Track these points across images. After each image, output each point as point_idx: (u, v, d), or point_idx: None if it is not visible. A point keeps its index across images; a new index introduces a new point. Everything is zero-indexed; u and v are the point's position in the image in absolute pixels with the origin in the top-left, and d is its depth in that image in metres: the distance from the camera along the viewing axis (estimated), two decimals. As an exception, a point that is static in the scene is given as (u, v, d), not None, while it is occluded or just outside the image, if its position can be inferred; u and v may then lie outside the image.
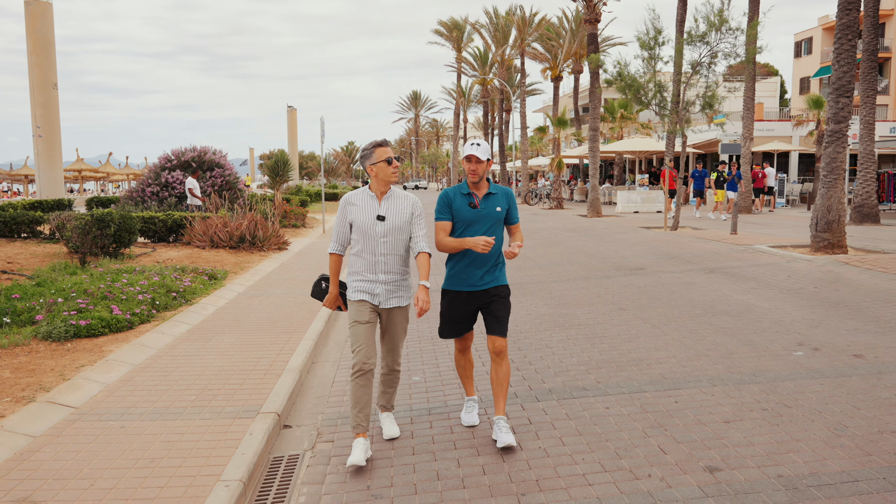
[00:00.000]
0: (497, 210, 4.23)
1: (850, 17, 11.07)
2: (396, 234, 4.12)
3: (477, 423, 4.51)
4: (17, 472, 3.77)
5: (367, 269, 4.13)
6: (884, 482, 3.47)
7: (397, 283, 4.18)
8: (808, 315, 7.21)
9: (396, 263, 4.16)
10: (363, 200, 4.16)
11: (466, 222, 4.19)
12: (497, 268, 4.28)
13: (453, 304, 4.30)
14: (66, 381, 5.28)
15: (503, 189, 4.33)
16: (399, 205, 4.16)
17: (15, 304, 7.14)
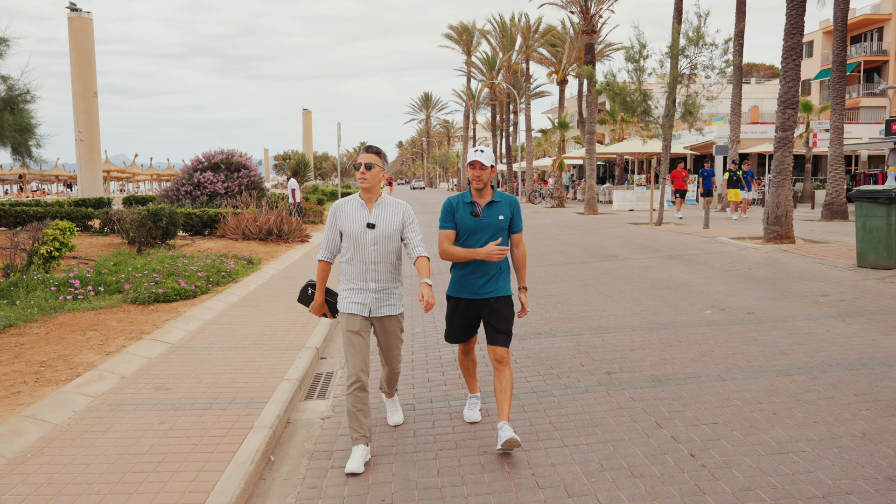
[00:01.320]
0: (500, 219, 4.22)
1: (794, 41, 12.86)
2: (387, 243, 4.11)
3: (479, 419, 4.60)
4: (149, 375, 5.68)
5: (358, 276, 4.13)
6: (719, 381, 5.31)
7: (388, 290, 4.17)
8: (731, 288, 9.03)
9: (387, 272, 4.15)
10: (353, 208, 4.15)
11: (468, 231, 4.21)
12: (500, 277, 4.26)
13: (455, 311, 4.35)
14: (158, 328, 7.19)
15: (507, 197, 4.31)
16: (389, 212, 4.15)
17: (105, 278, 9.11)
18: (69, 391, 5.12)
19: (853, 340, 6.19)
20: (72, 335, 6.78)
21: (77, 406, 4.89)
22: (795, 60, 12.95)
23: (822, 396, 4.79)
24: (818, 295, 8.33)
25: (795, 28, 12.80)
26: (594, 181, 26.80)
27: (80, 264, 10.93)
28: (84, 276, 9.06)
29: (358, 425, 4.04)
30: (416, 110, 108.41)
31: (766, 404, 4.69)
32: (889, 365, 5.44)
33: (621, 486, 3.58)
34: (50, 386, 5.21)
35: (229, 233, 16.11)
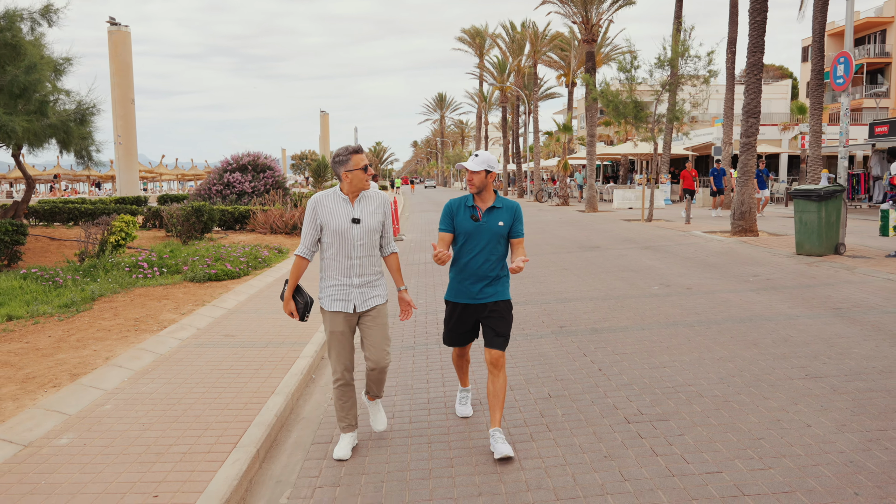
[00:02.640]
0: (499, 224, 4.19)
1: (755, 58, 14.61)
2: (371, 236, 4.12)
3: (470, 413, 4.71)
4: (216, 327, 7.60)
5: (341, 272, 4.10)
6: (639, 331, 7.13)
7: (371, 283, 4.17)
8: (683, 271, 10.83)
9: (370, 265, 4.15)
10: (335, 203, 4.11)
11: (467, 234, 4.22)
12: (498, 282, 4.27)
13: (453, 315, 4.36)
14: (215, 298, 9.12)
15: (510, 203, 4.29)
16: (371, 206, 4.15)
17: (166, 262, 11.08)
18: (163, 336, 7.05)
19: (755, 306, 7.99)
20: (151, 302, 8.74)
21: (172, 345, 6.82)
22: (757, 76, 14.69)
23: (707, 338, 6.61)
24: (751, 276, 10.12)
25: (757, 46, 14.55)
26: (594, 181, 28.55)
27: (139, 252, 12.92)
28: (150, 260, 11.05)
29: (344, 414, 4.23)
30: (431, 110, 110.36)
31: (665, 343, 6.52)
32: (769, 320, 7.25)
33: (549, 386, 5.43)
34: (148, 333, 7.14)
35: (258, 227, 18.09)
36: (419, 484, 3.83)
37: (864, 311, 7.49)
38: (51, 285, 9.28)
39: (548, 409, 4.89)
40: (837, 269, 10.30)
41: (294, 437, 4.67)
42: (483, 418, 4.76)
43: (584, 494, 3.60)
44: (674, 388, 5.20)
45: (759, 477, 3.70)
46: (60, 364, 5.90)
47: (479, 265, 4.21)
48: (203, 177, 60.47)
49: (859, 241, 13.64)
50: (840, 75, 11.97)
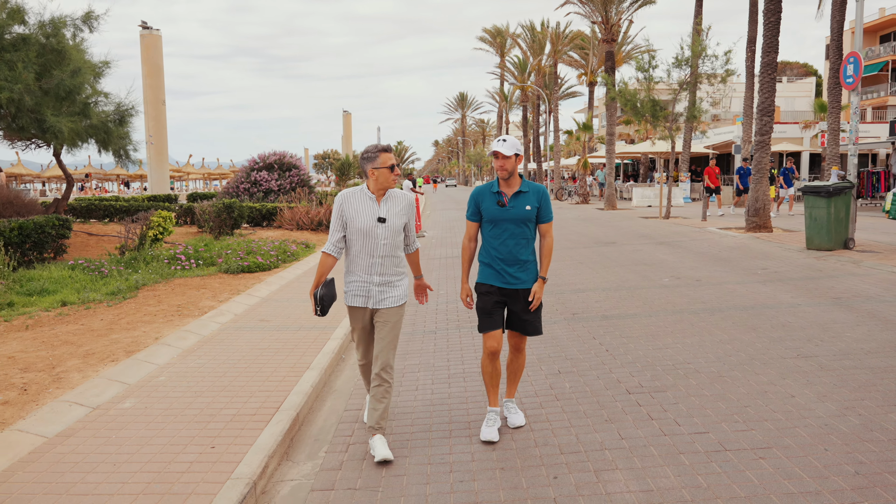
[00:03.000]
0: (527, 209, 4.19)
1: (769, 58, 14.92)
2: (395, 237, 4.15)
3: (496, 440, 4.29)
4: (252, 313, 8.18)
5: (364, 270, 4.15)
6: (647, 317, 7.59)
7: (391, 283, 4.20)
8: (695, 264, 11.23)
9: (392, 265, 4.19)
10: (361, 202, 4.14)
11: (494, 220, 4.22)
12: (529, 267, 4.28)
13: (484, 295, 4.33)
14: (249, 288, 9.72)
15: (536, 187, 4.28)
16: (397, 206, 4.17)
17: (201, 255, 11.72)
18: (205, 320, 7.65)
19: (759, 296, 8.41)
20: (190, 291, 9.36)
21: (213, 328, 7.41)
22: (771, 75, 15.00)
23: (709, 324, 7.06)
24: (759, 269, 10.51)
25: (771, 46, 14.87)
26: (613, 179, 28.88)
27: (176, 246, 13.60)
28: (187, 253, 11.70)
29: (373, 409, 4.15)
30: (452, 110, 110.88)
31: (670, 328, 6.98)
32: (771, 308, 7.66)
33: (559, 364, 5.93)
34: (190, 318, 7.75)
35: (285, 224, 18.73)
36: (440, 441, 4.35)
37: (863, 301, 7.88)
38: (97, 275, 9.94)
39: (557, 382, 5.38)
40: (844, 263, 10.66)
41: (328, 405, 5.21)
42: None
43: (586, 450, 4.10)
44: (673, 366, 5.66)
45: (741, 436, 4.17)
46: (115, 343, 6.51)
47: (508, 250, 4.21)
48: (228, 176, 61.58)
49: (872, 237, 13.92)
50: (850, 75, 12.28)
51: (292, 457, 4.30)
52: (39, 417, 4.60)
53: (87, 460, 4.00)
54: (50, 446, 4.21)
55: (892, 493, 3.41)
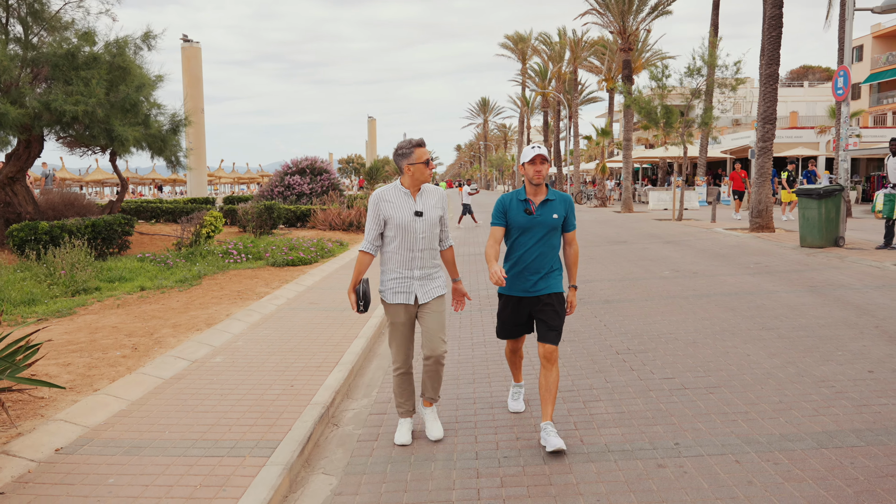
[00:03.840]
0: (553, 217, 4.21)
1: (771, 69, 15.99)
2: (433, 229, 4.23)
3: (522, 409, 4.77)
4: (302, 298, 9.48)
5: (403, 265, 4.21)
6: (643, 301, 8.76)
7: (431, 276, 4.30)
8: (696, 260, 12.35)
9: (430, 257, 4.27)
10: (397, 197, 4.20)
11: (521, 228, 4.23)
12: (552, 275, 4.27)
13: (507, 308, 4.38)
14: (296, 279, 11.04)
15: (562, 195, 4.30)
16: (432, 200, 4.26)
17: (249, 250, 13.10)
18: (263, 302, 8.97)
19: (745, 285, 9.54)
20: (245, 280, 10.70)
21: (271, 308, 8.72)
22: (773, 85, 16.06)
23: (696, 306, 8.22)
24: (752, 263, 11.61)
25: (773, 59, 15.93)
26: (629, 183, 29.94)
27: (227, 242, 14.99)
28: (237, 248, 13.08)
29: (403, 400, 4.44)
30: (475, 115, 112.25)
31: (661, 309, 8.15)
32: (752, 294, 8.80)
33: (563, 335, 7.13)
34: (250, 300, 9.07)
35: (318, 224, 20.11)
36: (466, 383, 5.58)
37: (835, 288, 8.99)
38: (163, 266, 11.34)
39: (559, 347, 6.60)
40: (830, 258, 11.72)
41: (374, 364, 6.47)
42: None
43: (578, 389, 5.31)
44: (658, 335, 6.85)
45: (699, 380, 5.36)
46: (195, 318, 7.85)
47: (533, 258, 4.21)
48: (257, 180, 63.42)
49: (866, 236, 14.91)
50: (840, 87, 13.31)
51: (351, 395, 5.57)
52: (154, 366, 5.92)
53: (199, 393, 5.31)
54: (168, 384, 5.52)
55: (805, 412, 4.57)
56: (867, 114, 52.37)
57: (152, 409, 4.93)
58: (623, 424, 4.54)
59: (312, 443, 4.46)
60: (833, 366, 5.58)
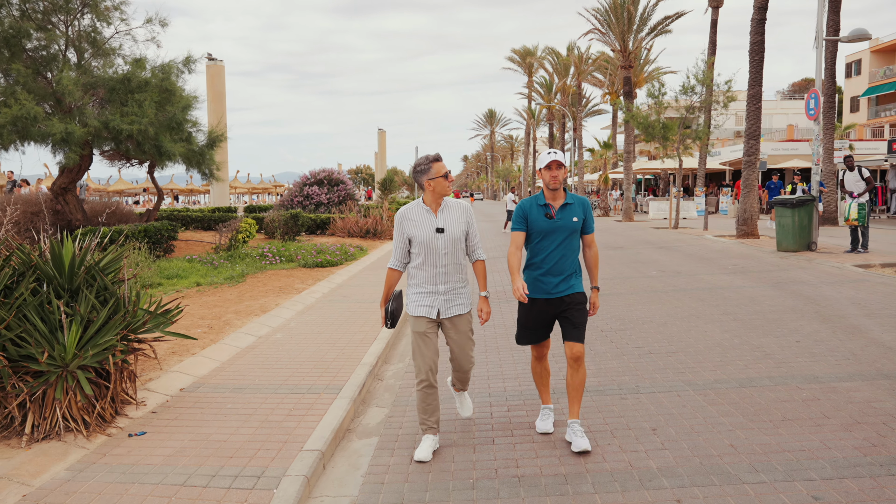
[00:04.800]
0: (573, 220, 4.28)
1: (755, 90, 17.49)
2: (456, 245, 4.24)
3: (552, 430, 4.60)
4: (335, 293, 10.98)
5: (428, 280, 4.26)
6: (630, 294, 10.22)
7: (456, 291, 4.31)
8: (681, 262, 13.81)
9: (456, 272, 4.29)
10: (419, 215, 4.25)
11: (542, 233, 4.28)
12: (573, 277, 4.36)
13: (530, 311, 4.38)
14: (326, 277, 12.54)
15: (580, 199, 4.36)
16: (454, 215, 4.27)
17: (282, 253, 14.64)
18: (303, 295, 10.47)
19: (719, 282, 10.99)
20: (282, 278, 12.22)
21: (311, 300, 10.22)
22: (756, 105, 17.55)
23: (673, 298, 9.67)
24: (731, 265, 13.06)
25: (756, 80, 17.43)
26: (630, 193, 31.43)
27: (262, 246, 16.53)
28: (272, 251, 14.63)
29: (427, 416, 4.32)
30: (481, 126, 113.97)
31: (643, 301, 9.61)
32: (723, 289, 10.25)
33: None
34: (292, 294, 10.57)
35: (338, 231, 21.68)
36: (493, 349, 7.06)
37: (795, 284, 10.44)
38: (210, 266, 12.88)
39: (556, 328, 8.07)
40: (800, 261, 13.17)
41: (405, 341, 7.94)
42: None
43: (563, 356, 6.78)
44: (637, 319, 8.32)
45: (662, 347, 6.83)
46: (249, 306, 9.36)
47: (555, 262, 4.29)
48: (270, 190, 65.14)
49: (840, 241, 16.32)
50: (812, 108, 14.79)
51: (388, 361, 7.06)
52: (230, 339, 7.43)
53: (272, 356, 6.81)
54: (246, 351, 7.03)
55: (736, 367, 6.03)
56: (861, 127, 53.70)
57: (240, 367, 6.44)
58: (599, 376, 6.02)
59: (366, 389, 5.95)
60: (770, 338, 7.05)
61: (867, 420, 4.65)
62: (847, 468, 3.92)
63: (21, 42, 13.97)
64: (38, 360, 4.32)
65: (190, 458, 4.28)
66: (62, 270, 4.83)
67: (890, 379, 5.55)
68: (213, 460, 4.23)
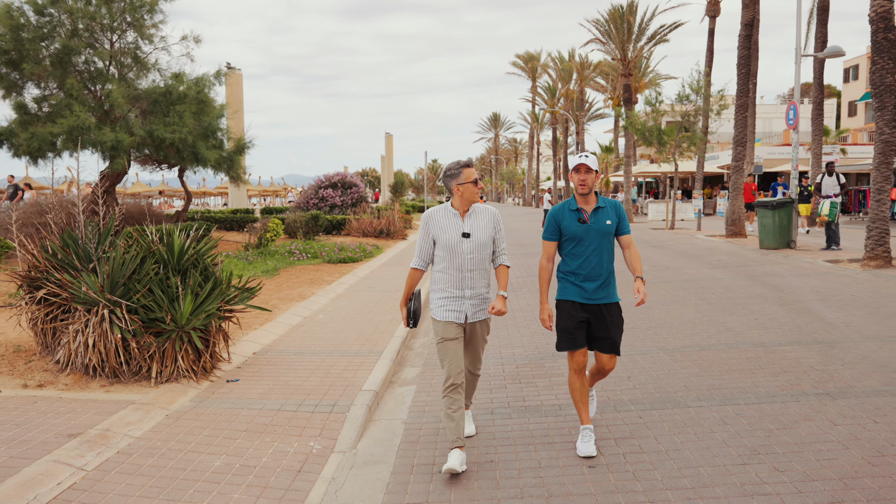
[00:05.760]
0: (607, 223, 4.25)
1: (742, 100, 18.86)
2: (481, 250, 4.23)
3: (594, 454, 4.33)
4: (359, 284, 12.39)
5: (453, 285, 4.25)
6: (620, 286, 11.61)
7: (482, 297, 4.32)
8: (671, 258, 15.18)
9: (481, 278, 4.28)
10: (446, 218, 4.27)
11: (576, 238, 4.27)
12: (610, 283, 4.38)
13: (566, 314, 4.35)
14: (350, 271, 13.95)
15: (612, 202, 4.34)
16: (482, 220, 4.27)
17: (307, 250, 16.08)
18: (333, 286, 11.88)
19: (701, 274, 12.37)
20: (311, 272, 13.64)
21: (341, 290, 11.63)
22: (743, 114, 18.92)
23: (658, 287, 11.04)
24: (715, 261, 14.44)
25: (743, 91, 18.81)
26: (630, 196, 32.79)
27: (288, 243, 17.96)
28: (299, 248, 16.07)
29: (453, 429, 4.20)
30: (486, 129, 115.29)
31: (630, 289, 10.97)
32: (704, 280, 11.63)
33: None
34: (323, 285, 11.98)
35: (353, 231, 23.11)
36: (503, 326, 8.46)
37: (767, 276, 11.82)
38: (245, 262, 14.31)
39: (555, 311, 9.47)
40: (778, 257, 14.54)
41: (428, 321, 9.34)
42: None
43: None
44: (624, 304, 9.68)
45: (643, 324, 8.21)
46: (289, 294, 10.78)
47: (592, 266, 4.28)
48: (279, 192, 66.65)
49: (821, 241, 17.67)
50: (791, 118, 16.17)
51: (415, 336, 8.46)
52: (282, 318, 8.84)
53: (319, 331, 8.22)
54: (296, 328, 8.45)
55: (701, 337, 7.41)
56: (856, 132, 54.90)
57: (296, 338, 7.86)
58: (590, 344, 7.41)
59: (400, 354, 7.36)
60: (733, 317, 8.44)
61: (792, 370, 6.04)
62: (766, 398, 5.32)
63: (71, 59, 15.44)
64: (163, 322, 5.74)
65: (277, 395, 5.70)
66: (173, 255, 6.25)
67: (821, 344, 6.94)
68: (295, 396, 5.65)
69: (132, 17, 16.12)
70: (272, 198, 68.87)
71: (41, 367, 6.05)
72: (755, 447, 4.38)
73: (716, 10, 28.30)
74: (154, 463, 4.32)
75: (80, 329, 5.71)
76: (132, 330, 5.64)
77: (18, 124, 15.40)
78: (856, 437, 4.47)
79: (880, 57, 12.58)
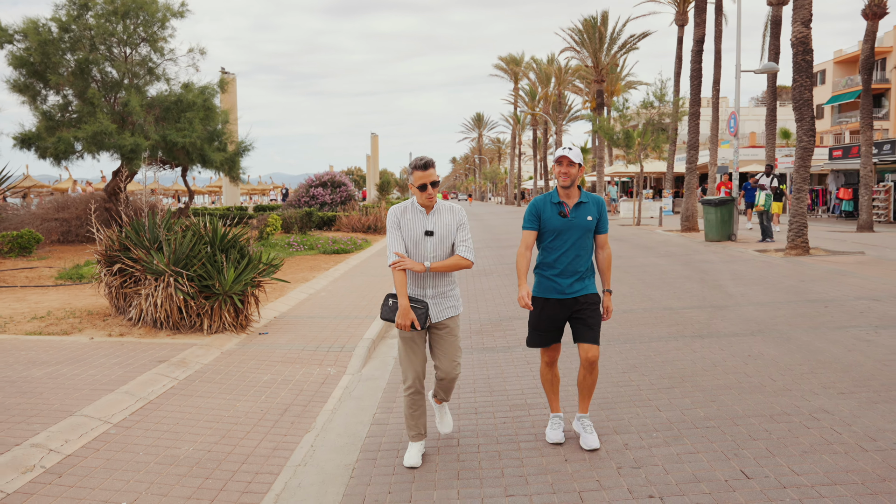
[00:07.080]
0: (588, 219, 4.20)
1: (694, 109, 21.00)
2: (445, 248, 4.17)
3: (562, 440, 4.44)
4: (353, 270, 14.32)
5: (415, 283, 4.17)
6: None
7: (444, 294, 4.23)
8: (626, 249, 17.23)
9: (444, 275, 4.21)
10: (412, 214, 4.19)
11: (556, 231, 4.21)
12: (587, 277, 4.29)
13: (542, 313, 4.29)
14: (344, 260, 15.87)
15: (595, 197, 4.28)
16: (446, 218, 4.20)
17: (304, 242, 17.98)
18: (330, 272, 13.79)
19: (647, 262, 14.41)
20: (310, 261, 15.55)
21: (337, 275, 13.55)
22: (696, 122, 21.06)
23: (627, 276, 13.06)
24: (663, 251, 16.52)
25: (695, 101, 20.93)
26: (602, 194, 34.89)
27: (288, 236, 19.82)
28: (297, 241, 17.98)
29: (414, 423, 4.29)
30: (469, 129, 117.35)
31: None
32: (649, 266, 13.66)
33: (520, 284, 12.05)
34: (322, 271, 13.88)
35: (343, 227, 25.01)
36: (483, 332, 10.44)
37: (700, 262, 13.89)
38: (251, 252, 16.18)
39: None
40: (717, 248, 16.65)
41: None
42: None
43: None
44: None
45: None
46: (294, 278, 12.67)
47: (569, 261, 4.21)
48: (267, 190, 68.25)
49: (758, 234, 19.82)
50: (731, 126, 18.31)
51: (402, 308, 10.41)
52: (292, 294, 10.76)
53: (324, 302, 10.15)
54: (305, 300, 10.37)
55: (630, 304, 9.41)
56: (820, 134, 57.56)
57: (306, 307, 9.80)
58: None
59: (390, 319, 9.31)
60: (658, 291, 10.48)
61: (684, 323, 8.08)
62: (655, 339, 7.34)
63: (91, 70, 17.22)
64: (213, 288, 7.66)
65: (300, 341, 7.64)
66: (217, 238, 8.17)
67: (715, 308, 8.98)
68: (313, 343, 7.59)
69: (146, 31, 17.92)
70: (259, 196, 70.48)
71: (117, 323, 7.95)
72: (634, 364, 6.41)
73: (684, 20, 30.42)
74: (223, 378, 6.26)
75: (150, 293, 7.61)
76: (191, 293, 7.56)
77: (44, 129, 17.15)
78: (704, 359, 6.50)
79: (800, 76, 14.69)
